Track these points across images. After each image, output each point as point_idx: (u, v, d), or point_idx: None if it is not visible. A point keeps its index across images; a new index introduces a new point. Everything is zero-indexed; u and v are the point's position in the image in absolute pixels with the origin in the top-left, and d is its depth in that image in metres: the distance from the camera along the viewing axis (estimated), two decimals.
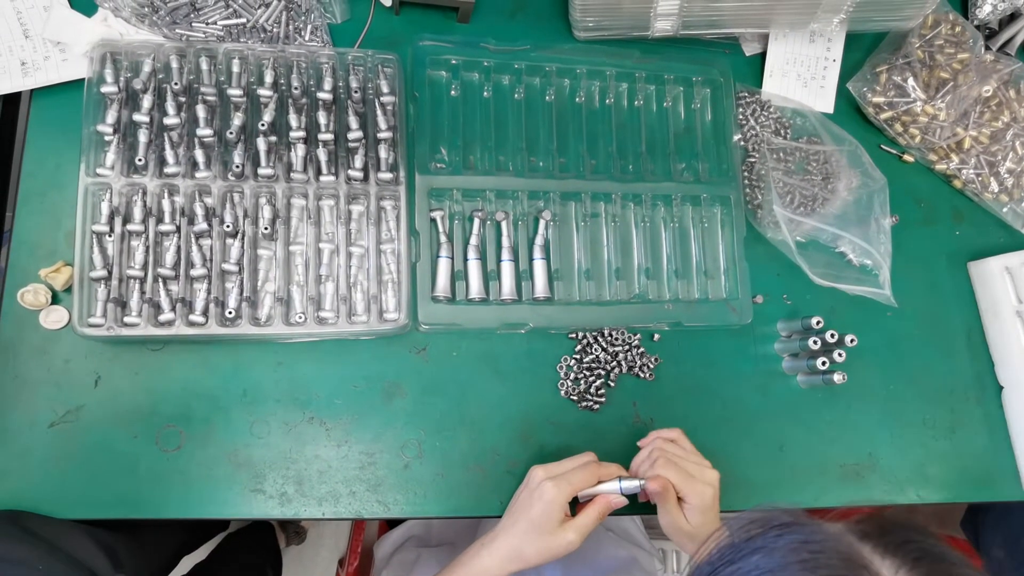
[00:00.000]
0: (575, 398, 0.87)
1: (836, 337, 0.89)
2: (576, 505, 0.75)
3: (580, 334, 0.88)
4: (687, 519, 0.74)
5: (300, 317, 0.79)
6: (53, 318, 0.77)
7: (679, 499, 0.74)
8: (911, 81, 1.00)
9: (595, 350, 0.88)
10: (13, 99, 0.84)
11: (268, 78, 0.83)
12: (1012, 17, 1.08)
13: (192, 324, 0.77)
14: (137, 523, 0.84)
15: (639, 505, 0.81)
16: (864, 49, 1.07)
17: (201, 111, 0.81)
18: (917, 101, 1.00)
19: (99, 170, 0.78)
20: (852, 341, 0.89)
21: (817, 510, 0.90)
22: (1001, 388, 0.99)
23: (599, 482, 0.75)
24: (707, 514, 0.73)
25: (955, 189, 1.06)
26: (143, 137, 0.79)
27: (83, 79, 0.80)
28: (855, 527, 0.49)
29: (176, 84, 0.81)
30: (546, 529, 0.70)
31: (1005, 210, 1.05)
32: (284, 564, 1.59)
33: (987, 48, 1.05)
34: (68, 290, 0.78)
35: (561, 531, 0.70)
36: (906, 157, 1.05)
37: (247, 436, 0.79)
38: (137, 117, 0.79)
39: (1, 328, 0.77)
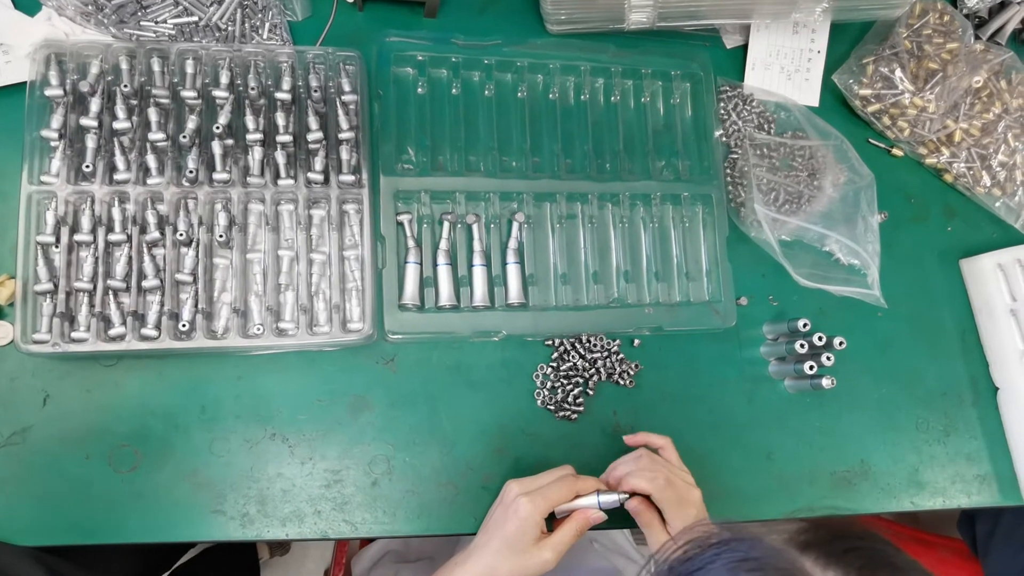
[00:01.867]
0: (552, 408, 0.83)
1: (824, 340, 0.86)
2: (553, 521, 0.72)
3: (557, 341, 0.84)
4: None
5: (258, 329, 0.75)
6: None
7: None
8: (899, 72, 0.96)
9: (572, 357, 0.84)
10: None
11: (224, 79, 0.79)
12: (1002, 5, 1.05)
13: (144, 338, 0.73)
14: (94, 548, 0.80)
15: (626, 519, 0.77)
16: (850, 40, 1.04)
17: (153, 114, 0.77)
18: (905, 93, 0.96)
19: (43, 178, 0.74)
20: (841, 344, 0.86)
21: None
22: (996, 389, 0.96)
23: (577, 496, 0.71)
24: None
25: (946, 184, 1.03)
26: (91, 142, 0.75)
27: (26, 82, 0.76)
28: (799, 537, 0.47)
29: (126, 86, 0.77)
30: (521, 547, 0.66)
31: (998, 204, 1.01)
32: None
33: (977, 37, 1.02)
34: (13, 304, 0.74)
35: (536, 549, 0.66)
36: (895, 151, 1.02)
37: (206, 455, 0.75)
38: (84, 121, 0.75)
39: None
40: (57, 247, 0.73)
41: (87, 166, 0.75)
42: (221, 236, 0.76)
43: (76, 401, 0.75)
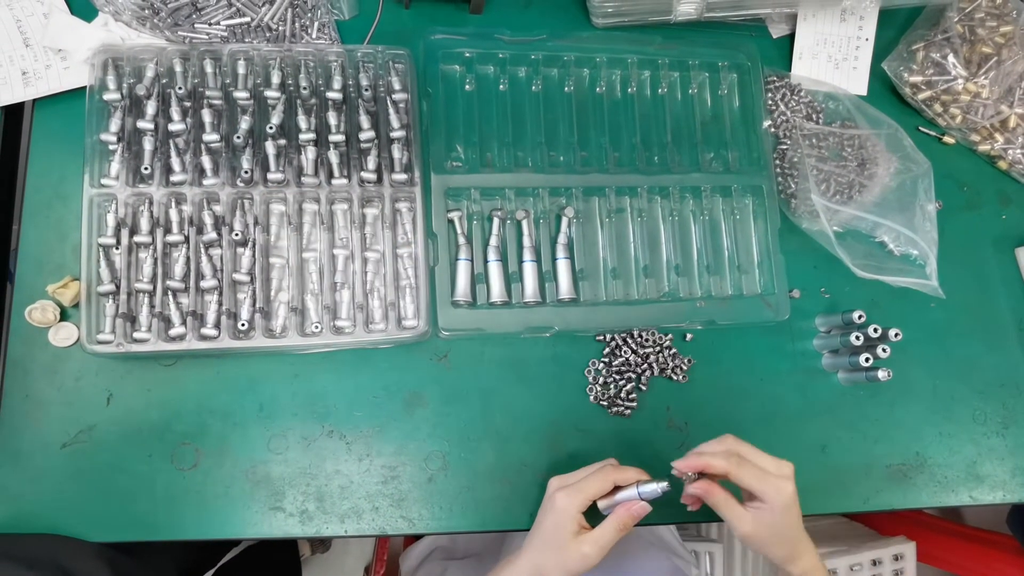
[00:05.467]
0: (605, 403, 0.83)
1: (879, 332, 0.84)
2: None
3: (608, 336, 0.84)
4: (763, 522, 0.66)
5: (316, 327, 0.76)
6: (62, 335, 0.75)
7: (752, 499, 0.67)
8: (951, 58, 0.94)
9: (625, 352, 0.83)
10: (15, 110, 0.81)
11: (275, 79, 0.80)
12: None
13: (204, 338, 0.74)
14: (151, 544, 0.81)
15: (673, 513, 0.76)
16: (898, 26, 1.02)
17: (207, 115, 0.78)
18: (958, 79, 0.94)
19: (104, 180, 0.75)
20: (897, 336, 0.84)
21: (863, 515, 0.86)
22: None
23: (617, 489, 0.69)
24: (788, 514, 0.66)
25: (1000, 171, 1.01)
26: (148, 145, 0.76)
27: (85, 87, 0.77)
28: None
29: (180, 88, 0.78)
30: (559, 542, 0.65)
31: None
32: (308, 573, 1.57)
33: None
34: (77, 306, 0.75)
35: (575, 544, 0.64)
36: (946, 139, 1.00)
37: (264, 452, 0.76)
38: (141, 124, 0.76)
39: (10, 347, 0.75)
40: (118, 249, 0.74)
41: (145, 168, 0.76)
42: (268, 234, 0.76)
43: (138, 400, 0.76)
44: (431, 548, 1.08)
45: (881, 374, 0.83)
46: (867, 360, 0.84)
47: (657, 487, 0.68)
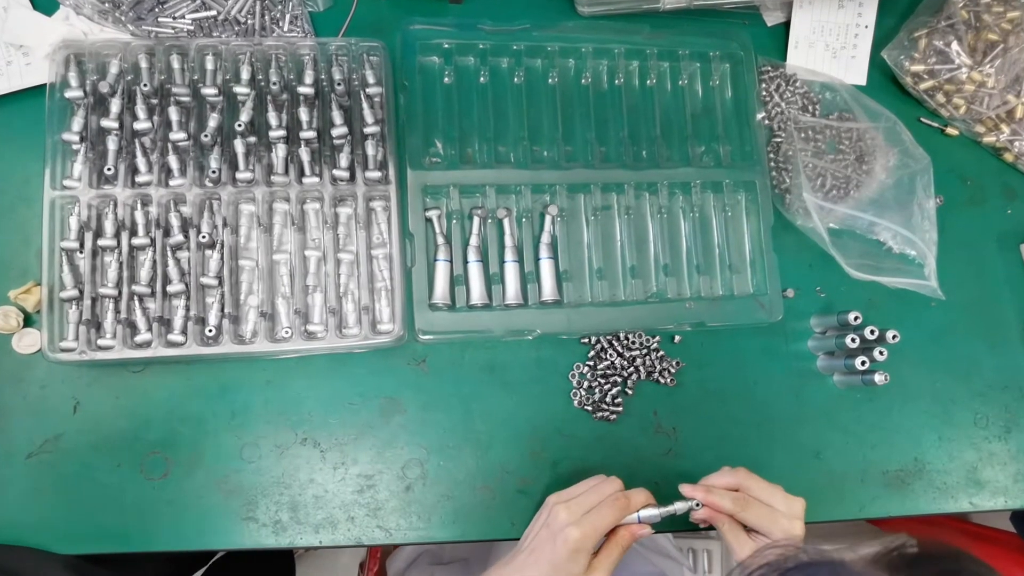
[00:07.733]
0: (590, 408, 0.80)
1: (876, 333, 0.81)
2: None
3: (593, 339, 0.81)
4: None
5: (286, 332, 0.73)
6: (26, 342, 0.73)
7: (755, 532, 0.67)
8: (955, 45, 0.90)
9: (610, 356, 0.81)
10: None
11: (245, 74, 0.77)
12: None
13: (171, 344, 0.71)
14: (125, 556, 0.79)
15: (672, 523, 0.74)
16: (899, 13, 0.97)
17: (174, 113, 0.75)
18: (962, 67, 0.90)
19: (66, 182, 0.72)
20: (895, 338, 0.81)
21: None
22: None
23: None
24: None
25: (1006, 163, 0.96)
26: (112, 144, 0.74)
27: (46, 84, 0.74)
28: (883, 557, 0.45)
29: (146, 85, 0.75)
30: (573, 574, 0.64)
31: None
32: (303, 570, 1.56)
33: None
34: (41, 311, 0.73)
35: (587, 574, 0.64)
36: (949, 130, 0.96)
37: (237, 461, 0.74)
38: (105, 123, 0.73)
39: None
40: (81, 252, 0.72)
41: (109, 169, 0.73)
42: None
43: (106, 408, 0.74)
44: (418, 553, 1.06)
45: (877, 378, 0.80)
46: (863, 364, 0.81)
47: (657, 513, 0.68)
